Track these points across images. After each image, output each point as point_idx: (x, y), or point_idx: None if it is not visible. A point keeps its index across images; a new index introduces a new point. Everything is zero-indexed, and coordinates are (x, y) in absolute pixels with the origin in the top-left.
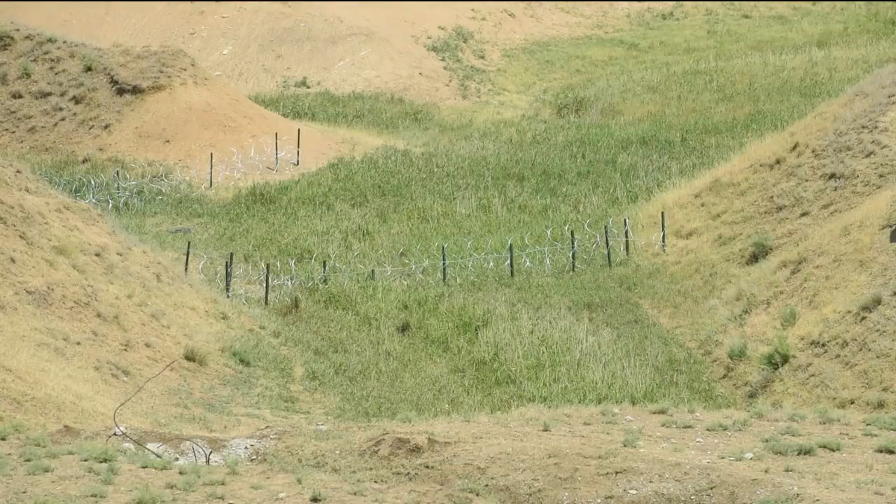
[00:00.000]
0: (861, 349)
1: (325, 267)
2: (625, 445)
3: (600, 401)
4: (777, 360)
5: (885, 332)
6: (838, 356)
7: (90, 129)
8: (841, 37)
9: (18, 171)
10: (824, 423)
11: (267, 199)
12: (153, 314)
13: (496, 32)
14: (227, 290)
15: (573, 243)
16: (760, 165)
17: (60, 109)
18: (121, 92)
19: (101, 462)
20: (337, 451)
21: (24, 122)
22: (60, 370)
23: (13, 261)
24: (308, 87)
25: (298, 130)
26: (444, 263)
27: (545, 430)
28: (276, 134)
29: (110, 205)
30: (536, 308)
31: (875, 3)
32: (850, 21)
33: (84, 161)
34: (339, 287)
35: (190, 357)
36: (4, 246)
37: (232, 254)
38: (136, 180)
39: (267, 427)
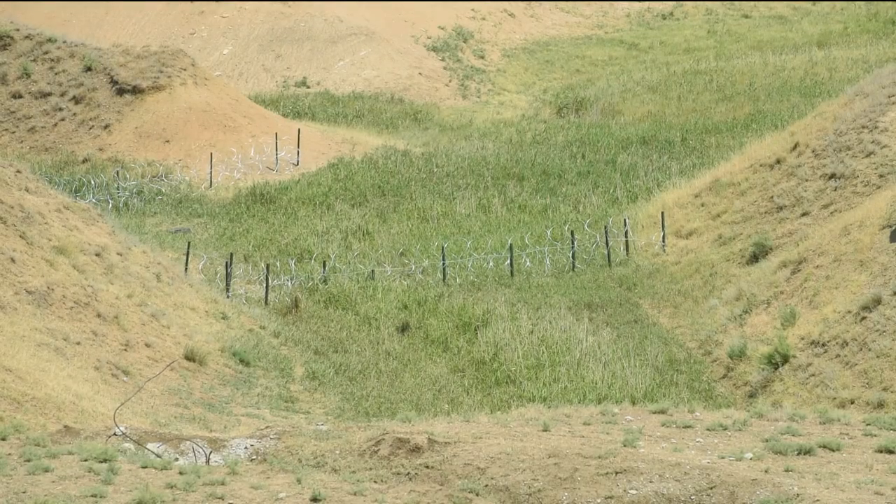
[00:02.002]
0: (861, 349)
1: (325, 267)
2: (625, 445)
3: (600, 401)
4: (777, 360)
5: (885, 332)
6: (838, 356)
7: (90, 129)
8: (841, 37)
9: (18, 171)
10: (824, 423)
11: (267, 199)
12: (153, 314)
13: (496, 32)
14: (227, 290)
15: (573, 243)
16: (760, 165)
17: (60, 109)
18: (121, 92)
19: (101, 462)
20: (337, 451)
21: (24, 122)
22: (60, 370)
23: (13, 261)
24: (308, 87)
25: (298, 130)
26: (443, 263)
27: (545, 430)
28: (276, 134)
29: (110, 205)
30: (536, 308)
31: (875, 3)
32: (850, 21)
33: (84, 161)
34: (339, 287)
35: (190, 357)
36: (4, 246)
37: (232, 254)
38: (136, 180)
39: (267, 427)
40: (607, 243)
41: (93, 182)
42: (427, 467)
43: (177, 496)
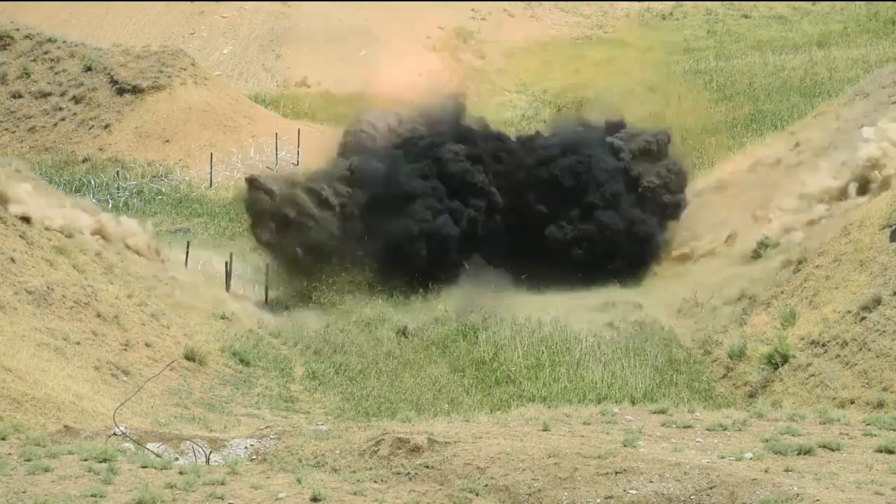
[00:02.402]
0: (861, 349)
1: None
2: (625, 445)
3: (600, 401)
4: (777, 360)
5: (885, 332)
6: (838, 356)
7: (90, 129)
8: (841, 37)
9: (18, 171)
10: (824, 423)
11: None
12: (153, 314)
13: (496, 32)
14: (227, 290)
15: None
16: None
17: (60, 109)
18: (121, 92)
19: (101, 462)
20: (337, 451)
21: (24, 122)
22: (60, 370)
23: (13, 261)
24: (308, 87)
25: (298, 130)
26: None
27: (545, 430)
28: (276, 134)
29: (110, 205)
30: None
31: (875, 3)
32: (850, 21)
33: (84, 161)
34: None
35: (190, 357)
36: (4, 246)
37: (232, 253)
38: (136, 180)
39: (267, 427)
40: None
41: (93, 182)
42: (427, 467)
43: (177, 496)
